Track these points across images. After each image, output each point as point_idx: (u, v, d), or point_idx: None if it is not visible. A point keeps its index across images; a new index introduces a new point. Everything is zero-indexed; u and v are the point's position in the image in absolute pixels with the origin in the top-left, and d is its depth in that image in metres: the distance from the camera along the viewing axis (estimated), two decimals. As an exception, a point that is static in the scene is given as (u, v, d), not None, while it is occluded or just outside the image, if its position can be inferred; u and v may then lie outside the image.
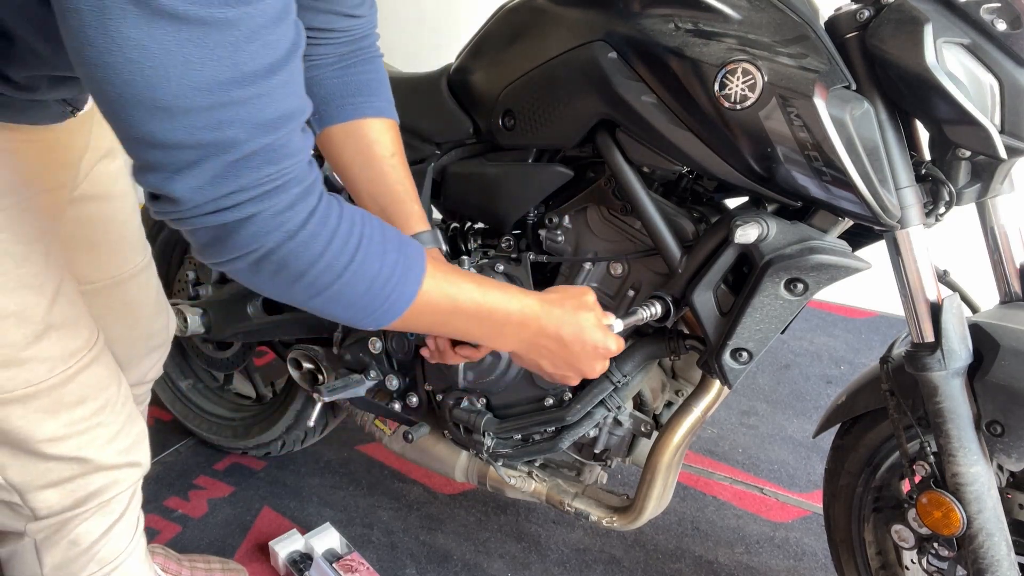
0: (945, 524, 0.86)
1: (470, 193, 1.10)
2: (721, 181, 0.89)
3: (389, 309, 0.65)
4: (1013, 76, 0.73)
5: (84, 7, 0.48)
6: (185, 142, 0.52)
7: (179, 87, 0.50)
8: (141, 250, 1.05)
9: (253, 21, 0.51)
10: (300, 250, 0.58)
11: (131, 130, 0.52)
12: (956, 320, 0.82)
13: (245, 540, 1.42)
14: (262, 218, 0.56)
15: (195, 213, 0.55)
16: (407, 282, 0.65)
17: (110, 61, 0.49)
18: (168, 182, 0.54)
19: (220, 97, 0.51)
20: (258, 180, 0.55)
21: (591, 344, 0.78)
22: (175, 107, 0.51)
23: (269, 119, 0.54)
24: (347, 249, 0.60)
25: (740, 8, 0.79)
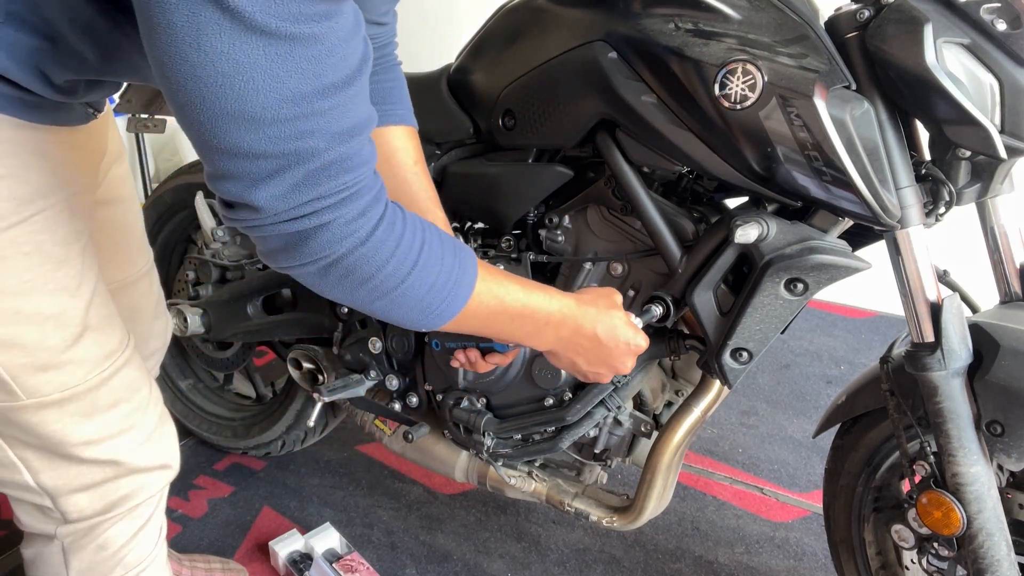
0: (945, 524, 0.86)
1: (470, 193, 1.10)
2: (721, 181, 0.89)
3: (446, 310, 0.67)
4: (1013, 76, 0.73)
5: (179, 23, 0.50)
6: (269, 152, 0.54)
7: (267, 99, 0.53)
8: (145, 254, 1.05)
9: (334, 36, 0.54)
10: (369, 256, 0.60)
11: (215, 140, 0.54)
12: (956, 320, 0.82)
13: (245, 540, 1.42)
14: (336, 225, 0.58)
15: (273, 220, 0.57)
16: (462, 285, 0.67)
17: (202, 75, 0.51)
18: (249, 191, 0.56)
19: (304, 108, 0.54)
20: (334, 189, 0.57)
21: (623, 341, 0.81)
22: (262, 118, 0.53)
23: (345, 128, 0.57)
24: (411, 255, 0.63)
25: (740, 8, 0.79)
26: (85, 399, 0.77)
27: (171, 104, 0.56)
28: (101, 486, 0.82)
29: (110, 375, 0.79)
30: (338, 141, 0.56)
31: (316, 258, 0.60)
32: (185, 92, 0.53)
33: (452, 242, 0.69)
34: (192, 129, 0.55)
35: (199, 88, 0.52)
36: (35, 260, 0.71)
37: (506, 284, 0.73)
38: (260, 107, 0.53)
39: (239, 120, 0.53)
